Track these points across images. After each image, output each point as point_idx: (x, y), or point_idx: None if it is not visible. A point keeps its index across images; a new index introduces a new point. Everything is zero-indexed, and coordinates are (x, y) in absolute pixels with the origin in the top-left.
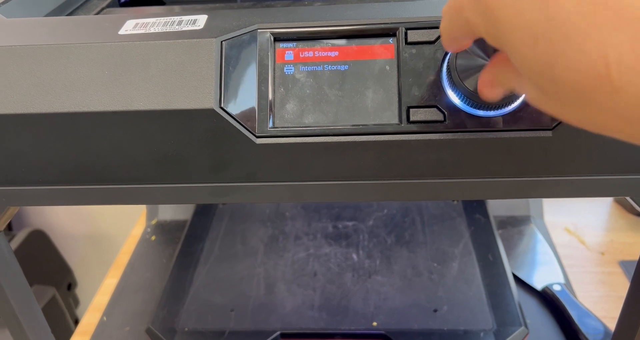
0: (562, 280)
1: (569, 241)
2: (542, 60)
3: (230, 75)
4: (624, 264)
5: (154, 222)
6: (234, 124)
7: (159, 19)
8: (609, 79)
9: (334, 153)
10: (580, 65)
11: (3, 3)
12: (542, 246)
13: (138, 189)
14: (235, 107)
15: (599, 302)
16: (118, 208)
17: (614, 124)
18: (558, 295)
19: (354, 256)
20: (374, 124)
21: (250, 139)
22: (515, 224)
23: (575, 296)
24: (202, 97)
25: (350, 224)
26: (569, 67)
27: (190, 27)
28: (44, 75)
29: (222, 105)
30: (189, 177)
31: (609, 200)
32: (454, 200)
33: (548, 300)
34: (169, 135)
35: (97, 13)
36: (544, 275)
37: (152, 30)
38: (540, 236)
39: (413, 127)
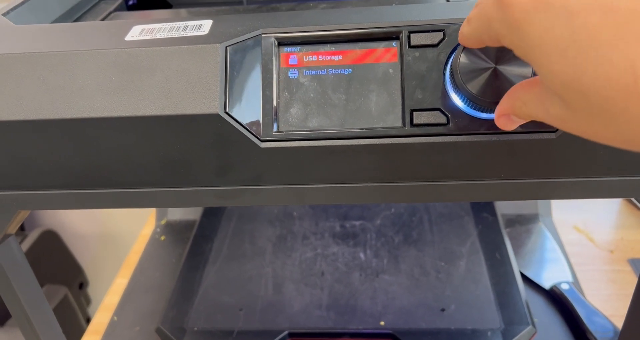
0: (570, 279)
1: (578, 239)
2: (570, 72)
3: (235, 80)
4: (633, 262)
5: (163, 222)
6: (239, 129)
7: (164, 24)
8: (636, 89)
9: (338, 156)
10: (609, 75)
11: (12, 9)
12: (550, 244)
13: (145, 192)
14: (240, 111)
15: (608, 300)
16: (128, 209)
17: None
18: (566, 294)
19: (362, 255)
20: (378, 127)
21: (255, 143)
22: (523, 223)
23: (583, 295)
24: (207, 102)
25: (357, 223)
26: (598, 77)
27: (195, 33)
28: (52, 82)
29: (227, 110)
30: (196, 180)
31: (618, 199)
32: None
33: (556, 299)
34: (175, 140)
35: (105, 17)
36: (552, 273)
37: (157, 36)
38: (548, 234)
39: (416, 130)
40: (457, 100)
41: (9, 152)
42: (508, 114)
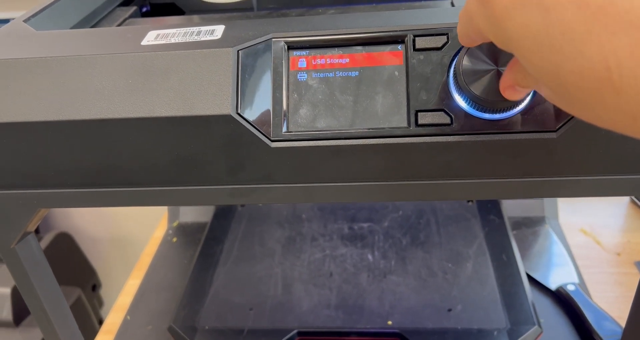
0: (576, 281)
1: (584, 242)
2: (548, 65)
3: (246, 82)
4: None
5: (175, 224)
6: (250, 129)
7: (178, 29)
8: (611, 82)
9: (345, 156)
10: (584, 69)
11: (32, 16)
12: (557, 247)
13: (160, 191)
14: (252, 112)
15: (615, 302)
16: (140, 211)
17: (620, 121)
18: (572, 295)
19: (370, 257)
20: (384, 128)
21: (266, 143)
22: (529, 225)
23: (589, 296)
24: (220, 104)
25: (365, 225)
26: (573, 70)
27: (208, 37)
28: (72, 85)
29: (238, 111)
30: (208, 179)
31: (625, 201)
32: (468, 201)
33: (562, 300)
34: (188, 140)
35: (120, 24)
36: (558, 275)
37: (172, 40)
38: (555, 237)
39: (421, 130)
40: (460, 101)
41: (30, 152)
42: (512, 84)
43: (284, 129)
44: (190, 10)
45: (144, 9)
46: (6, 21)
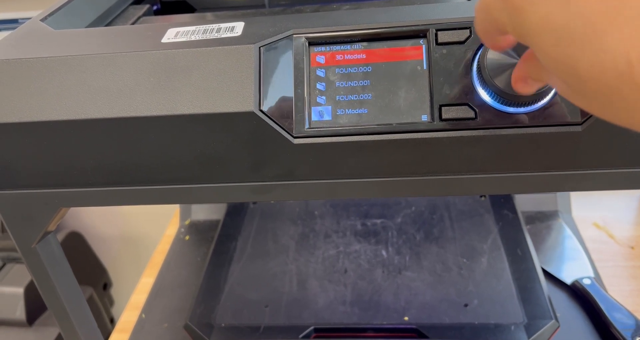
0: (591, 274)
1: (598, 236)
2: (566, 59)
3: (268, 79)
4: None
5: (187, 222)
6: (273, 126)
7: (198, 27)
8: (631, 76)
9: (368, 151)
10: (604, 63)
11: (49, 15)
12: (571, 241)
13: (182, 189)
14: (274, 109)
15: (630, 296)
16: (151, 210)
17: (639, 118)
18: (588, 289)
19: (384, 253)
20: (407, 123)
21: (288, 140)
22: (543, 219)
23: (605, 290)
24: (242, 101)
25: (378, 221)
26: (593, 64)
27: (228, 34)
28: (93, 83)
29: (261, 108)
30: (231, 176)
31: (638, 195)
32: (481, 196)
33: (578, 294)
34: (211, 137)
35: (134, 22)
36: (573, 269)
37: (193, 38)
38: (568, 231)
39: (445, 125)
40: (484, 95)
41: (52, 151)
42: (524, 77)
43: (307, 125)
44: (202, 7)
45: (155, 7)
46: (10, 21)
